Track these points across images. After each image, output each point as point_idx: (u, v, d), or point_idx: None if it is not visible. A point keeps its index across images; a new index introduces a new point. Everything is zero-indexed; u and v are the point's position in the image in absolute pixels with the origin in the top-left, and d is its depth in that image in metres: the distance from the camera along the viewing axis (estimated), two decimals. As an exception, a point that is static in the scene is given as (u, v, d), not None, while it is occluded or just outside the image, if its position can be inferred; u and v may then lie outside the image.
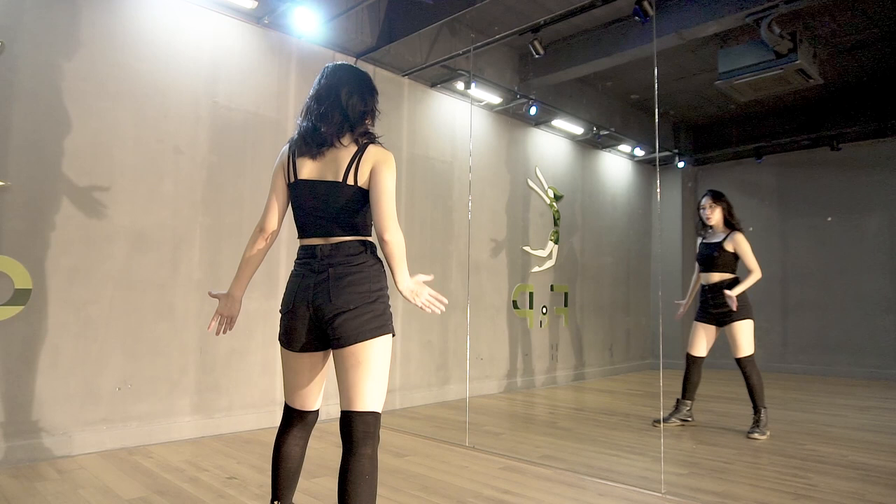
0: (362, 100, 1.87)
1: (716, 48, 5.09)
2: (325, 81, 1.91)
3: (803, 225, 7.16)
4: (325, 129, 1.81)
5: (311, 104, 1.89)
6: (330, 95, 1.86)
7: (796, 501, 2.53)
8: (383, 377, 1.80)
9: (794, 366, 6.91)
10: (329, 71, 1.93)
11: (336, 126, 1.82)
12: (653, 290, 7.13)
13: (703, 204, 4.25)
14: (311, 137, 1.83)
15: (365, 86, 1.91)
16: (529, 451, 3.38)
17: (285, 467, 1.94)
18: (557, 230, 6.35)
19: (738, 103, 6.06)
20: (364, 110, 1.87)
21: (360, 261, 1.81)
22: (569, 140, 6.60)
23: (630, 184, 7.40)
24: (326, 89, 1.88)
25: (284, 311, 1.87)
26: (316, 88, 1.91)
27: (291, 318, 1.83)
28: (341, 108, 1.83)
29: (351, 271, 1.78)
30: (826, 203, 7.02)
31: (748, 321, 4.01)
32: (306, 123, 1.86)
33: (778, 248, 7.28)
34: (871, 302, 6.58)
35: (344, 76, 1.90)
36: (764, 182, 7.45)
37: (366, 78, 1.95)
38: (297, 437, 1.94)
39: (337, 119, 1.82)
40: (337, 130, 1.81)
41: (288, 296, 1.86)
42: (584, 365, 6.62)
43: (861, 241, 6.75)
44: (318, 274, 1.79)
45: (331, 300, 1.75)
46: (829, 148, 6.72)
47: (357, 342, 1.74)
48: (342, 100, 1.84)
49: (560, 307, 6.35)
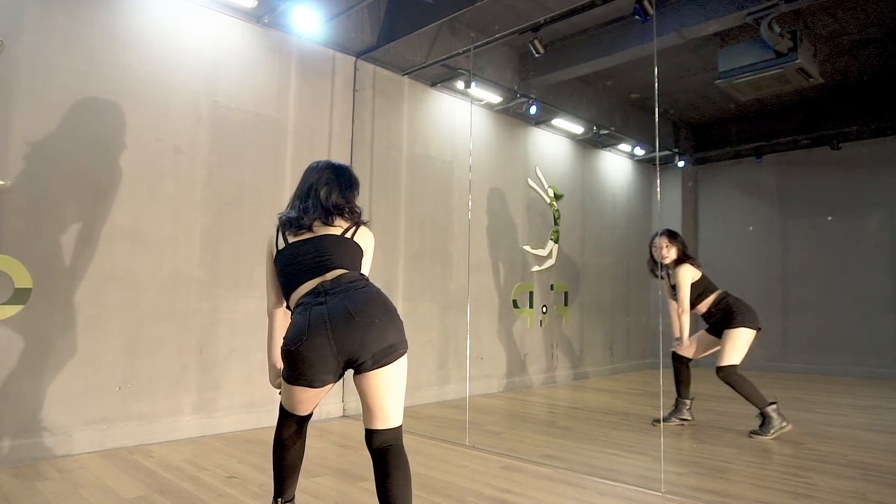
0: (342, 195, 2.01)
1: (716, 47, 5.09)
2: (307, 180, 2.05)
3: (803, 225, 7.16)
4: (307, 219, 1.93)
5: (295, 201, 2.03)
6: (310, 194, 2.00)
7: (796, 501, 2.54)
8: (404, 391, 1.88)
9: (794, 365, 6.91)
10: (311, 169, 2.07)
11: (321, 217, 1.94)
12: (653, 289, 7.13)
13: (657, 244, 4.04)
14: (298, 225, 1.94)
15: (345, 182, 2.03)
16: (530, 451, 3.38)
17: (287, 458, 2.02)
18: (557, 229, 6.35)
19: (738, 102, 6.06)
20: (345, 205, 2.00)
21: (365, 282, 1.87)
22: (569, 139, 6.60)
23: (630, 183, 7.41)
24: (307, 189, 2.02)
25: (293, 346, 1.73)
26: (300, 186, 2.06)
27: (305, 350, 1.71)
28: (321, 206, 1.96)
29: (363, 288, 1.82)
30: (826, 203, 7.02)
31: (743, 330, 3.89)
32: (294, 214, 1.98)
33: (778, 248, 7.28)
34: (871, 302, 6.58)
35: (323, 176, 2.02)
36: (764, 181, 7.45)
37: (346, 173, 2.06)
38: (296, 431, 2.02)
39: (320, 212, 1.95)
40: (323, 219, 1.94)
41: (296, 329, 1.75)
42: (585, 364, 6.62)
43: (861, 241, 6.75)
44: (329, 302, 1.76)
45: (354, 318, 1.72)
46: (829, 147, 6.72)
47: (389, 363, 1.76)
48: (321, 198, 1.97)
49: (560, 306, 6.35)
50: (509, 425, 4.22)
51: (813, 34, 4.95)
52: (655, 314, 7.04)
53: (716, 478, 2.87)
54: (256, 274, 3.91)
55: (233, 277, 3.83)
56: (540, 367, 6.09)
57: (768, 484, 2.76)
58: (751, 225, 7.51)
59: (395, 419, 1.83)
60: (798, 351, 6.96)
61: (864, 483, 2.80)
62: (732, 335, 3.89)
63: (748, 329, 3.90)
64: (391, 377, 1.78)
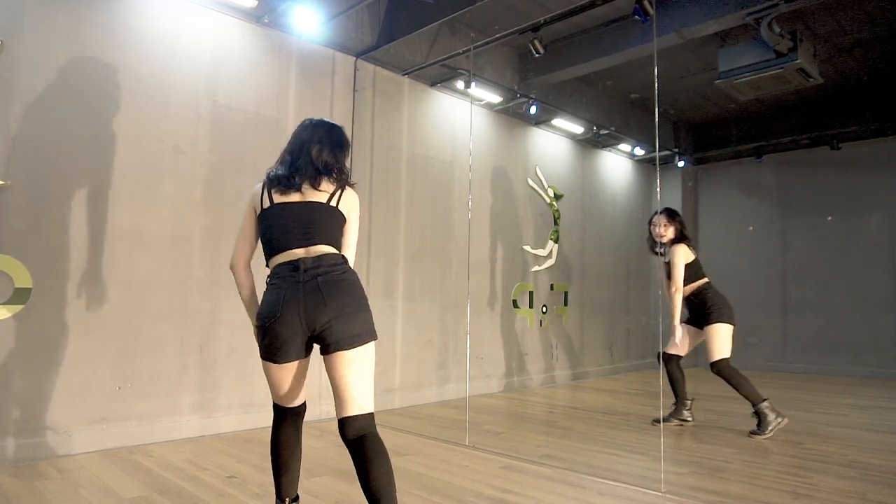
0: (332, 155, 2.00)
1: (716, 47, 5.09)
2: (298, 136, 2.04)
3: (803, 225, 7.15)
4: (298, 178, 1.94)
5: (285, 156, 2.02)
6: (302, 151, 1.99)
7: (796, 500, 2.54)
8: (372, 379, 1.89)
9: (794, 365, 6.91)
10: (303, 126, 2.07)
11: (310, 177, 1.94)
12: (653, 289, 7.13)
13: (656, 221, 4.10)
14: (286, 184, 1.94)
15: (336, 141, 2.03)
16: (529, 451, 3.38)
17: (285, 456, 2.02)
18: (557, 229, 6.35)
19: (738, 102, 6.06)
20: (335, 165, 2.00)
21: (344, 269, 1.90)
22: (569, 139, 6.60)
23: (630, 183, 7.40)
24: (299, 145, 2.01)
25: (267, 322, 1.83)
26: (291, 142, 2.04)
27: (279, 326, 1.80)
28: (312, 165, 1.96)
29: (340, 277, 1.87)
30: (826, 203, 7.02)
31: (721, 325, 3.91)
32: (282, 171, 1.97)
33: (778, 248, 7.28)
34: (871, 302, 6.58)
35: (316, 133, 2.02)
36: (764, 181, 7.45)
37: (338, 133, 2.07)
38: (292, 428, 2.03)
39: (311, 172, 1.94)
40: (311, 180, 1.94)
41: (270, 307, 1.83)
42: (585, 364, 6.62)
43: (861, 241, 6.75)
44: (306, 284, 1.82)
45: (326, 304, 1.80)
46: (829, 147, 6.72)
47: (353, 347, 1.82)
48: (313, 156, 1.96)
49: (560, 306, 6.35)
50: (509, 425, 4.22)
51: (813, 34, 4.95)
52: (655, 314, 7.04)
53: (716, 478, 2.87)
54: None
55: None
56: (540, 367, 6.09)
57: (768, 484, 2.77)
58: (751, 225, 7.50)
59: (366, 405, 1.84)
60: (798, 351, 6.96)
61: (864, 483, 2.80)
62: (713, 331, 3.93)
63: (725, 324, 3.94)
64: (357, 359, 1.83)
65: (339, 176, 1.98)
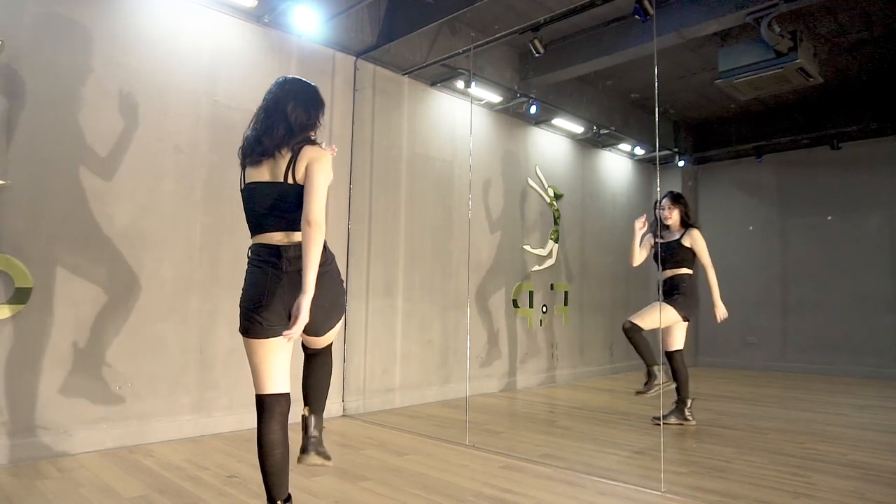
0: (306, 112, 2.00)
1: (716, 47, 5.09)
2: (273, 93, 2.03)
3: (803, 224, 7.16)
4: (266, 141, 1.94)
5: (259, 114, 2.02)
6: (277, 108, 1.99)
7: (796, 500, 2.54)
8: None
9: (794, 365, 6.91)
10: (278, 83, 2.06)
11: (278, 139, 1.94)
12: (653, 289, 7.13)
13: (663, 205, 4.27)
14: (253, 148, 1.97)
15: (311, 99, 2.04)
16: (529, 450, 3.39)
17: (273, 457, 1.95)
18: (557, 229, 6.36)
19: (738, 102, 6.07)
20: (307, 122, 2.00)
21: (325, 257, 1.94)
22: (569, 139, 6.60)
23: (630, 183, 7.40)
24: (274, 102, 2.01)
25: (253, 305, 1.93)
26: (266, 99, 2.04)
27: (263, 311, 1.91)
28: (286, 121, 1.96)
29: (324, 270, 1.92)
30: (826, 203, 7.02)
31: (669, 308, 4.06)
32: (251, 133, 1.99)
33: (778, 248, 7.28)
34: (871, 302, 6.58)
35: (291, 89, 2.03)
36: (764, 181, 7.45)
37: (313, 91, 2.07)
38: (278, 426, 1.97)
39: (280, 132, 1.95)
40: (278, 143, 1.94)
41: (255, 290, 1.94)
42: (585, 364, 6.62)
43: (861, 241, 6.75)
44: (290, 274, 1.91)
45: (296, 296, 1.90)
46: (829, 147, 6.72)
47: (327, 331, 2.06)
48: (287, 112, 1.97)
49: (560, 306, 6.35)
50: (509, 425, 4.22)
51: (813, 34, 4.95)
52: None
53: (716, 477, 2.87)
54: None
55: (233, 277, 3.83)
56: (540, 367, 6.09)
57: (768, 483, 2.77)
58: (751, 225, 7.51)
59: (328, 341, 2.16)
60: (798, 351, 6.96)
61: (864, 483, 2.80)
62: (663, 307, 4.05)
63: (674, 312, 4.06)
64: (328, 337, 2.11)
65: (301, 137, 1.97)
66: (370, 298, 4.59)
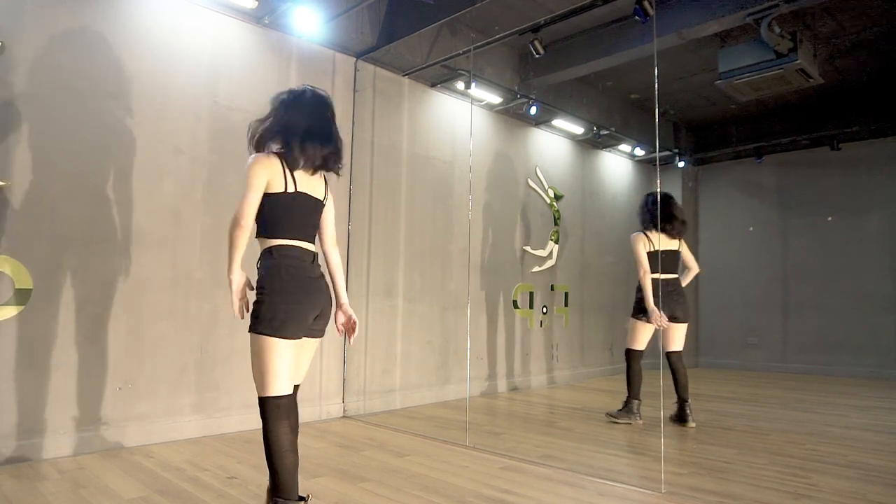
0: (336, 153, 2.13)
1: (716, 48, 5.10)
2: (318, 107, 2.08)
3: (803, 225, 7.16)
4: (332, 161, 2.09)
5: (312, 123, 2.03)
6: (333, 126, 2.10)
7: (796, 501, 2.54)
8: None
9: (794, 365, 6.91)
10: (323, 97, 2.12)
11: (333, 160, 2.09)
12: (653, 289, 7.12)
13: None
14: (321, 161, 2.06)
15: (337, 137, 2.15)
16: (530, 451, 3.38)
17: (292, 460, 2.01)
18: (558, 230, 6.36)
19: (738, 103, 6.07)
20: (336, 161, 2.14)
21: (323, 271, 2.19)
22: (569, 140, 6.60)
23: (630, 183, 7.40)
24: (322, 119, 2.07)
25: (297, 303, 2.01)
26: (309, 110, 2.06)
27: (304, 310, 2.03)
28: (339, 142, 2.12)
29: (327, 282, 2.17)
30: (826, 203, 7.02)
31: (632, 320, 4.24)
32: (314, 144, 2.02)
33: (778, 248, 7.29)
34: (871, 302, 6.58)
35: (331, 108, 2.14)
36: (764, 182, 7.46)
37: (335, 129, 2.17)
38: (291, 428, 2.04)
39: (339, 155, 2.11)
40: (333, 164, 2.10)
41: (301, 289, 2.03)
42: (585, 364, 6.62)
43: (861, 241, 6.76)
44: (318, 280, 2.11)
45: (323, 302, 2.12)
46: (829, 148, 6.73)
47: (319, 336, 2.20)
48: (337, 134, 2.12)
49: (560, 307, 6.35)
50: (509, 425, 4.22)
51: (813, 34, 4.95)
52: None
53: (716, 478, 2.87)
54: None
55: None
56: (540, 368, 6.09)
57: (768, 484, 2.76)
58: (751, 225, 7.51)
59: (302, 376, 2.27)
60: (798, 351, 6.96)
61: (865, 483, 2.80)
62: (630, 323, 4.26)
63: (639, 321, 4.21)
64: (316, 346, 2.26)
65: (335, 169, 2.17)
66: (370, 299, 4.59)
